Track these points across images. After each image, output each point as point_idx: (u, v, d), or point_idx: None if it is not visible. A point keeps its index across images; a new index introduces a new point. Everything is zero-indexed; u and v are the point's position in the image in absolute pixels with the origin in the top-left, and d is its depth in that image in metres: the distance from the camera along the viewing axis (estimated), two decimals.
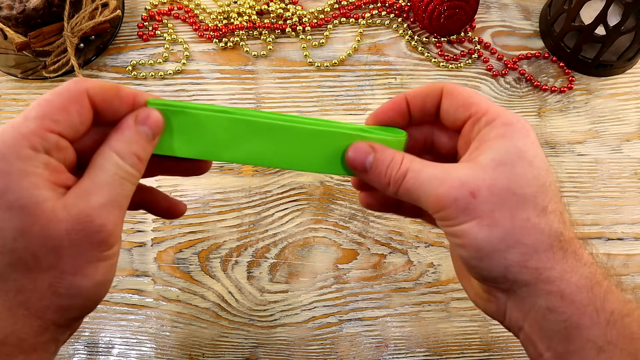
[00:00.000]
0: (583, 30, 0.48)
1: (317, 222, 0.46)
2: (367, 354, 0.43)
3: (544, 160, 0.24)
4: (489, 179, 0.23)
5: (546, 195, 0.23)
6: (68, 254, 0.22)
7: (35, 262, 0.21)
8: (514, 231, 0.23)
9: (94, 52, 0.50)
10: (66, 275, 0.22)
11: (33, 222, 0.21)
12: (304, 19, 0.53)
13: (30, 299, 0.22)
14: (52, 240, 0.21)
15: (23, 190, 0.21)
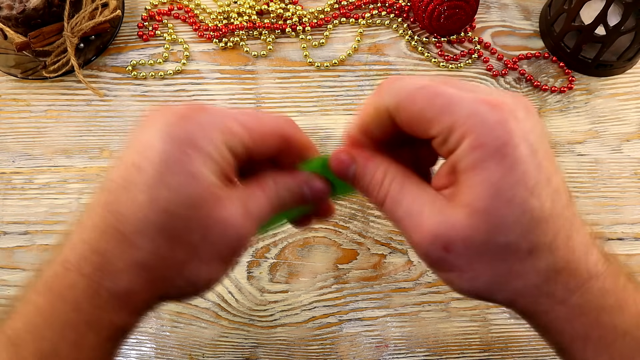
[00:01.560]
0: (583, 30, 0.48)
1: (317, 222, 0.46)
2: (367, 354, 0.43)
3: (530, 181, 0.20)
4: (464, 231, 0.21)
5: (533, 231, 0.21)
6: (211, 244, 0.23)
7: (185, 236, 0.22)
8: (497, 280, 0.22)
9: (94, 52, 0.50)
10: (198, 261, 0.23)
11: (203, 200, 0.22)
12: (304, 19, 0.53)
13: (159, 266, 0.22)
14: (209, 224, 0.22)
15: (207, 170, 0.22)
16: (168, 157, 0.21)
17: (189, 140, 0.22)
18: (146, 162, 0.21)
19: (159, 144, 0.22)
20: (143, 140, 0.22)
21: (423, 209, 0.22)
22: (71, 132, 0.49)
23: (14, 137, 0.49)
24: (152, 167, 0.21)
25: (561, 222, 0.21)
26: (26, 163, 0.48)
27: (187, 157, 0.22)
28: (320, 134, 0.49)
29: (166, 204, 0.21)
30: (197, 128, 0.22)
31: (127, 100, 0.50)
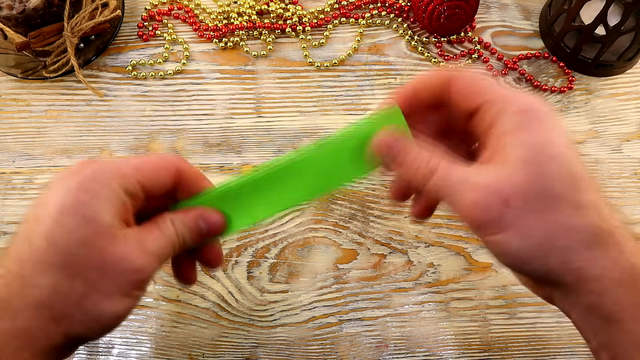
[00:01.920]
0: (583, 30, 0.48)
1: (317, 222, 0.46)
2: (367, 354, 0.43)
3: (570, 149, 0.23)
4: (519, 184, 0.22)
5: (577, 188, 0.23)
6: (109, 279, 0.24)
7: (82, 272, 0.23)
8: (550, 237, 0.22)
9: (94, 52, 0.50)
10: (98, 295, 0.24)
11: (98, 238, 0.24)
12: (304, 19, 0.53)
13: (58, 302, 0.23)
14: (105, 260, 0.24)
15: (101, 211, 0.24)
16: (63, 204, 0.23)
17: (82, 188, 0.24)
18: (45, 213, 0.24)
19: (56, 196, 0.24)
20: (43, 198, 0.24)
21: (477, 173, 0.24)
22: (71, 132, 0.49)
23: (14, 137, 0.49)
24: (49, 216, 0.23)
25: (600, 191, 0.23)
26: (26, 163, 0.48)
27: (80, 202, 0.24)
28: (320, 134, 0.49)
29: (62, 244, 0.23)
30: (90, 176, 0.24)
31: (127, 100, 0.50)
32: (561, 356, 0.43)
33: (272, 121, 0.49)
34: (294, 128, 0.49)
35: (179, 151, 0.48)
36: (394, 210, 0.46)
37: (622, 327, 0.23)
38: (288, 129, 0.49)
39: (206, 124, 0.49)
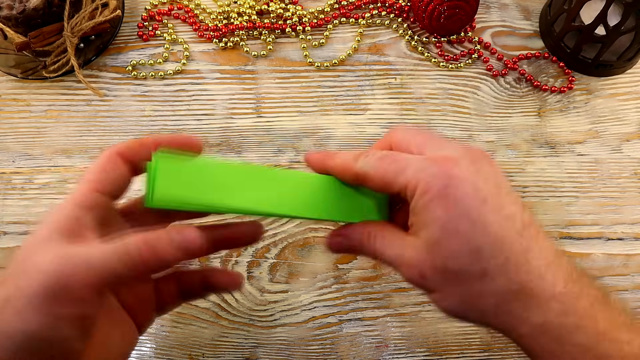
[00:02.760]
0: (583, 30, 0.48)
1: (317, 222, 0.46)
2: (367, 354, 0.43)
3: (472, 214, 0.24)
4: (427, 262, 0.25)
5: (480, 258, 0.24)
6: (21, 289, 0.22)
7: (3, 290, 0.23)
8: (466, 301, 0.25)
9: (94, 52, 0.50)
10: (10, 309, 0.22)
11: (23, 254, 0.24)
12: (304, 19, 0.53)
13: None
14: (23, 270, 0.23)
15: (39, 231, 0.24)
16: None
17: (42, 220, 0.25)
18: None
19: None
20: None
21: (402, 250, 0.27)
22: (71, 132, 0.49)
23: (14, 137, 0.49)
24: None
25: (514, 247, 0.24)
26: (26, 163, 0.48)
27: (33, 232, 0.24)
28: (320, 134, 0.49)
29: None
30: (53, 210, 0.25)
31: (127, 100, 0.50)
32: None
33: (272, 121, 0.49)
34: (294, 128, 0.49)
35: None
36: None
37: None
38: (288, 129, 0.49)
39: (206, 124, 0.49)
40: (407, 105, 0.50)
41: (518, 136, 0.49)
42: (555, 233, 0.46)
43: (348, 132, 0.49)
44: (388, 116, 0.50)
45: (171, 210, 0.29)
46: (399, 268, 0.27)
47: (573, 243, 0.45)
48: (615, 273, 0.45)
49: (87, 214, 0.25)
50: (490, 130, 0.49)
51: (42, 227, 0.24)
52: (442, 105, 0.50)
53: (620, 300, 0.26)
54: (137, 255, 0.23)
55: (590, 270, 0.45)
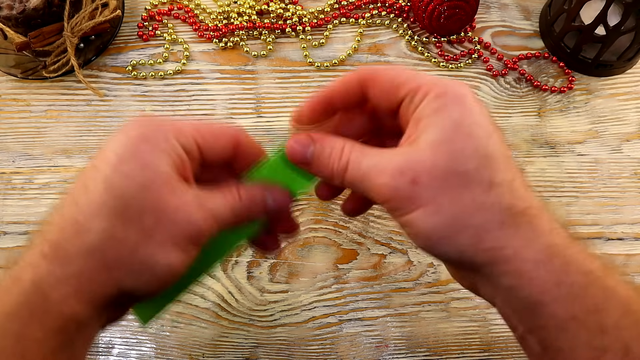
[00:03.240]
0: (583, 30, 0.48)
1: (317, 222, 0.46)
2: (367, 354, 0.43)
3: (484, 127, 0.23)
4: (428, 162, 0.22)
5: (491, 166, 0.22)
6: (164, 227, 0.23)
7: (138, 219, 0.23)
8: (461, 214, 0.22)
9: (94, 52, 0.50)
10: (152, 243, 0.23)
11: (155, 185, 0.23)
12: (304, 19, 0.53)
13: (112, 248, 0.23)
14: (161, 208, 0.23)
15: (160, 160, 0.23)
16: (123, 152, 0.23)
17: (142, 138, 0.24)
18: (103, 162, 0.23)
19: (115, 145, 0.24)
20: (102, 149, 0.24)
21: (387, 156, 0.24)
22: (71, 132, 0.49)
23: (14, 137, 0.49)
24: (108, 163, 0.23)
25: (518, 171, 0.23)
26: (26, 163, 0.48)
27: (140, 150, 0.23)
28: None
29: (119, 189, 0.23)
30: (150, 129, 0.24)
31: (127, 100, 0.50)
32: None
33: (272, 121, 0.49)
34: None
35: None
36: None
37: (544, 309, 0.22)
38: (288, 129, 0.49)
39: None
40: None
41: (518, 136, 0.49)
42: None
43: None
44: None
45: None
46: (376, 176, 0.23)
47: None
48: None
49: (187, 160, 0.25)
50: None
51: (157, 157, 0.23)
52: None
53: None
54: (245, 211, 0.26)
55: None
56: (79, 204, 0.23)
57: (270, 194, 0.27)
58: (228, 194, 0.26)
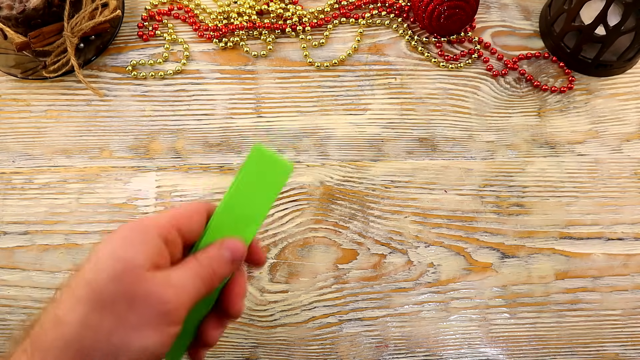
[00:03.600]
0: (583, 30, 0.48)
1: (317, 222, 0.46)
2: (367, 354, 0.43)
3: None
4: None
5: None
6: (137, 312, 0.25)
7: (111, 306, 0.25)
8: None
9: (94, 52, 0.50)
10: (126, 327, 0.25)
11: (127, 275, 0.25)
12: (304, 19, 0.53)
13: (87, 337, 0.24)
14: (133, 293, 0.25)
15: (133, 254, 0.26)
16: (103, 252, 0.26)
17: (120, 237, 0.27)
18: (87, 263, 0.26)
19: (98, 249, 0.26)
20: (90, 254, 0.27)
21: None
22: (71, 132, 0.49)
23: (14, 137, 0.49)
24: (89, 263, 0.26)
25: None
26: (26, 163, 0.48)
27: (116, 247, 0.26)
28: (320, 134, 0.49)
29: (94, 282, 0.25)
30: (129, 228, 0.27)
31: (127, 100, 0.50)
32: (561, 356, 0.43)
33: (272, 121, 0.49)
34: (294, 128, 0.49)
35: (179, 151, 0.48)
36: (394, 211, 0.46)
37: None
38: (288, 129, 0.49)
39: (206, 124, 0.49)
40: (407, 105, 0.50)
41: (518, 136, 0.49)
42: (555, 233, 0.46)
43: (348, 132, 0.49)
44: (388, 116, 0.50)
45: None
46: None
47: (573, 243, 0.45)
48: (615, 273, 0.45)
49: (166, 248, 0.28)
50: (490, 130, 0.49)
51: (132, 251, 0.26)
52: (442, 105, 0.50)
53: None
54: (209, 273, 0.28)
55: (590, 270, 0.45)
56: (60, 301, 0.25)
57: (224, 247, 0.29)
58: (189, 263, 0.28)
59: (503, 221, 0.46)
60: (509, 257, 0.45)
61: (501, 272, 0.45)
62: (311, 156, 0.48)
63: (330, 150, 0.48)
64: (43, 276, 0.44)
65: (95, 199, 0.46)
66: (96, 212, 0.46)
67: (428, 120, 0.49)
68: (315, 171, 0.47)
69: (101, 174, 0.47)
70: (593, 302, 0.44)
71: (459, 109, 0.50)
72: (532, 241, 0.45)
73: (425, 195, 0.47)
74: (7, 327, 0.43)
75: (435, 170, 0.48)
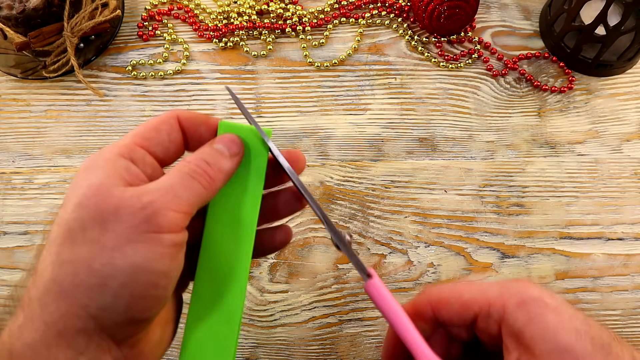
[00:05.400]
0: (583, 30, 0.48)
1: (317, 222, 0.46)
2: (367, 354, 0.43)
3: (582, 320, 0.23)
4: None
5: (610, 354, 0.22)
6: (112, 229, 0.22)
7: (82, 234, 0.22)
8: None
9: (93, 52, 0.50)
10: (105, 249, 0.21)
11: (90, 196, 0.22)
12: (304, 19, 0.53)
13: (64, 273, 0.22)
14: (100, 213, 0.22)
15: (94, 177, 0.23)
16: (67, 194, 0.23)
17: (83, 169, 0.24)
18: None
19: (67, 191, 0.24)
20: None
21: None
22: (71, 132, 0.49)
23: (14, 137, 0.49)
24: (59, 209, 0.23)
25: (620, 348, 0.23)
26: (26, 163, 0.48)
27: (77, 180, 0.23)
28: (320, 134, 0.49)
29: (60, 219, 0.22)
30: (90, 160, 0.24)
31: (127, 100, 0.50)
32: None
33: (272, 121, 0.49)
34: (294, 128, 0.49)
35: None
36: (394, 211, 0.46)
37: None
38: (288, 129, 0.49)
39: None
40: (407, 105, 0.50)
41: (518, 136, 0.49)
42: (555, 233, 0.46)
43: (348, 132, 0.49)
44: (388, 116, 0.50)
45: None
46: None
47: (573, 243, 0.45)
48: (615, 273, 0.45)
49: (133, 166, 0.24)
50: (490, 130, 0.49)
51: (93, 176, 0.23)
52: (442, 105, 0.50)
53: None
54: (203, 171, 0.25)
55: (590, 270, 0.45)
56: (39, 256, 0.23)
57: (216, 142, 0.27)
58: (175, 167, 0.25)
59: (503, 221, 0.46)
60: (509, 257, 0.45)
61: (501, 272, 0.45)
62: (311, 156, 0.48)
63: (330, 150, 0.48)
64: None
65: None
66: None
67: (428, 120, 0.49)
68: (315, 171, 0.47)
69: None
70: (593, 302, 0.44)
71: (459, 109, 0.50)
72: (532, 241, 0.45)
73: (425, 195, 0.47)
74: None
75: (435, 170, 0.48)
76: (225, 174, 0.26)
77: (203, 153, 0.26)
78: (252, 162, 0.28)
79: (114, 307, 0.22)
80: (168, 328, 0.27)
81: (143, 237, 0.22)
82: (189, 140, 0.27)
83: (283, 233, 0.31)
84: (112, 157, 0.24)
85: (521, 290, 0.24)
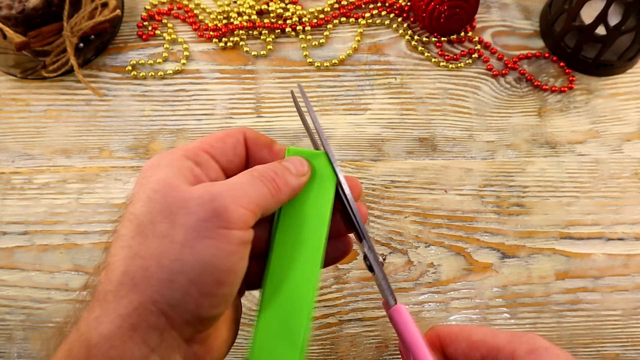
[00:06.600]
0: (583, 30, 0.48)
1: None
2: (367, 354, 0.42)
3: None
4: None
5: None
6: (181, 223, 0.22)
7: (152, 228, 0.22)
8: None
9: (93, 51, 0.50)
10: (174, 244, 0.22)
11: (159, 190, 0.23)
12: (304, 18, 0.53)
13: (135, 266, 0.22)
14: (169, 206, 0.22)
15: (162, 174, 0.23)
16: (134, 188, 0.24)
17: (149, 167, 0.24)
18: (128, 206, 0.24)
19: (134, 184, 0.25)
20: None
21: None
22: (71, 132, 0.49)
23: (14, 137, 0.49)
24: (133, 199, 0.24)
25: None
26: (26, 163, 0.48)
27: (145, 177, 0.24)
28: None
29: (131, 214, 0.23)
30: (153, 161, 0.25)
31: (127, 100, 0.50)
32: None
33: (272, 121, 0.49)
34: (294, 128, 0.49)
35: None
36: (394, 211, 0.46)
37: None
38: (288, 129, 0.49)
39: (206, 124, 0.49)
40: (407, 105, 0.50)
41: (518, 136, 0.49)
42: (555, 233, 0.46)
43: (348, 132, 0.49)
44: (388, 116, 0.49)
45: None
46: None
47: (573, 243, 0.45)
48: (615, 273, 0.45)
49: (197, 168, 0.25)
50: (490, 130, 0.49)
51: (161, 172, 0.23)
52: (442, 105, 0.50)
53: None
54: (270, 178, 0.25)
55: (591, 270, 0.45)
56: (109, 249, 0.23)
57: (285, 161, 0.27)
58: (247, 170, 0.26)
59: (503, 221, 0.46)
60: (509, 257, 0.45)
61: (501, 272, 0.44)
62: None
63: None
64: (42, 276, 0.44)
65: (94, 199, 0.46)
66: (96, 212, 0.46)
67: (428, 120, 0.49)
68: None
69: (101, 174, 0.47)
70: (593, 302, 0.44)
71: (459, 109, 0.50)
72: (533, 241, 0.45)
73: (425, 195, 0.47)
74: (6, 328, 0.43)
75: (435, 170, 0.48)
76: (291, 189, 0.26)
77: (272, 165, 0.26)
78: (320, 185, 0.29)
79: (182, 304, 0.22)
80: (233, 327, 0.27)
81: (212, 233, 0.22)
82: (249, 159, 0.28)
83: (344, 244, 0.32)
84: (177, 157, 0.24)
85: (531, 340, 0.25)
